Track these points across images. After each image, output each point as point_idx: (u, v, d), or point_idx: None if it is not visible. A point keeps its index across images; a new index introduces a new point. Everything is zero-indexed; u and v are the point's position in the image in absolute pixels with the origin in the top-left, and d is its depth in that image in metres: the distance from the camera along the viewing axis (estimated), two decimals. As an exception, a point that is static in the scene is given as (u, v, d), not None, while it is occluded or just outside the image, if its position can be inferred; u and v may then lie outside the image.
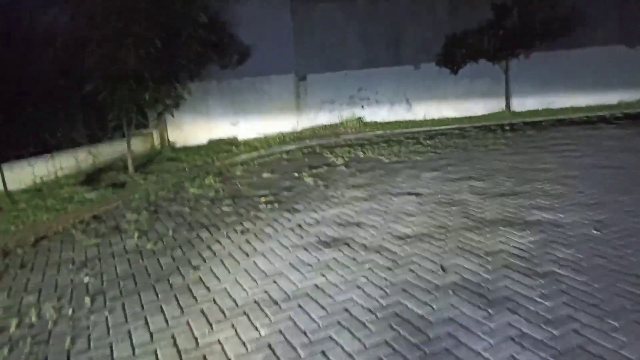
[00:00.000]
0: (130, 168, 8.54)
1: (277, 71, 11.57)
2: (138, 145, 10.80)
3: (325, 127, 11.84)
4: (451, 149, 8.10)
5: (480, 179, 5.95)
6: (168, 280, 3.81)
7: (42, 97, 8.43)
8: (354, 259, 3.86)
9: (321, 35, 11.64)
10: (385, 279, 3.46)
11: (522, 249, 3.77)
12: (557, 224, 4.24)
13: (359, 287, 3.37)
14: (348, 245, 4.18)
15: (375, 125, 11.61)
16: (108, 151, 9.78)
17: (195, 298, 3.46)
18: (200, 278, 3.79)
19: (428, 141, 9.04)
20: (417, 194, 5.56)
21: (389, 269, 3.63)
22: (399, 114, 11.99)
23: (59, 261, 4.54)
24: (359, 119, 11.93)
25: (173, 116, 9.84)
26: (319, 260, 3.92)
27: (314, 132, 11.47)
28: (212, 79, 11.24)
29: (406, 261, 3.74)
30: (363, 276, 3.54)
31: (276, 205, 5.67)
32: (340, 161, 7.94)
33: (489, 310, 2.92)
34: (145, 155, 10.54)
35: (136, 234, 5.04)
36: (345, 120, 11.88)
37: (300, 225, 4.84)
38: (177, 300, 3.45)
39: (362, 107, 11.98)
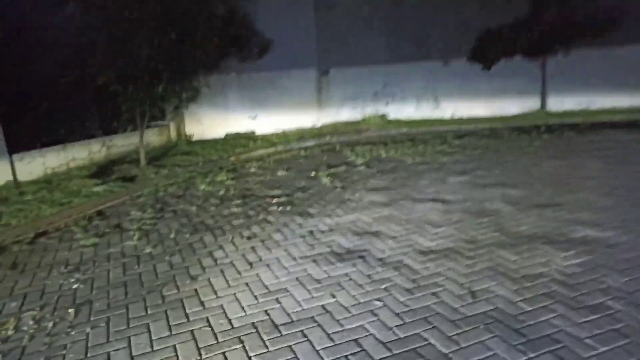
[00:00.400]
0: (143, 161, 8.26)
1: (298, 65, 11.12)
2: (154, 137, 10.55)
3: (346, 123, 11.35)
4: (481, 151, 7.51)
5: (514, 186, 5.38)
6: (161, 292, 3.42)
7: (56, 89, 8.21)
8: (369, 277, 3.40)
9: (345, 29, 11.12)
10: (404, 304, 2.99)
11: (566, 274, 3.24)
12: (606, 244, 3.67)
13: (372, 313, 2.91)
14: (363, 258, 3.72)
15: (400, 123, 11.05)
16: (123, 143, 9.55)
17: (187, 316, 3.06)
18: (196, 291, 3.40)
19: (456, 141, 8.46)
20: (442, 201, 5.04)
21: (409, 291, 3.15)
22: (426, 112, 11.40)
23: (52, 262, 4.23)
24: (383, 116, 11.39)
25: (187, 109, 9.53)
26: (329, 275, 3.47)
27: (334, 129, 10.99)
28: (231, 72, 10.87)
29: (429, 282, 3.26)
30: (378, 299, 3.08)
31: (288, 207, 5.25)
32: (360, 160, 7.46)
33: (529, 354, 2.42)
34: (160, 148, 10.28)
35: (137, 235, 4.70)
36: (368, 117, 11.36)
37: (312, 232, 4.40)
38: (167, 318, 3.06)
39: (387, 103, 11.43)
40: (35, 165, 7.86)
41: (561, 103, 10.98)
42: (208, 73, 9.69)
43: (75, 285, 3.65)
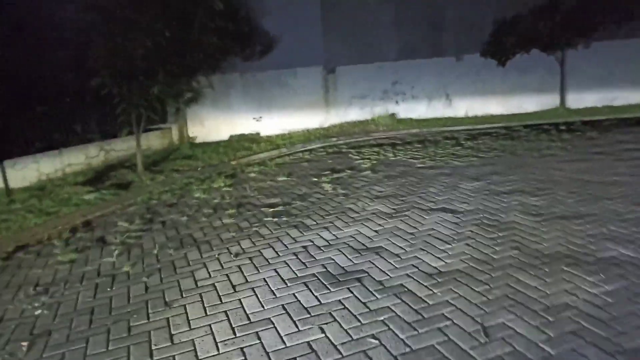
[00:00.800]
0: (140, 167, 7.91)
1: (304, 63, 10.70)
2: (156, 141, 10.23)
3: (355, 123, 10.89)
4: (497, 153, 6.98)
5: (533, 194, 4.87)
6: (129, 322, 3.02)
7: (51, 92, 7.91)
8: (366, 305, 2.95)
9: (352, 24, 10.66)
10: (404, 343, 2.54)
11: (596, 305, 2.74)
12: (643, 266, 3.17)
13: (366, 355, 2.46)
14: (361, 282, 3.26)
15: (411, 122, 10.55)
16: (122, 147, 9.23)
17: (151, 354, 2.65)
18: (168, 321, 2.98)
19: (469, 142, 7.94)
20: (453, 211, 4.56)
21: (411, 325, 2.70)
22: (438, 111, 10.88)
23: (22, 282, 3.86)
24: (393, 115, 10.90)
25: (188, 111, 9.16)
26: (320, 303, 3.03)
27: (342, 130, 10.54)
28: (234, 71, 10.49)
29: (435, 314, 2.79)
30: (374, 335, 2.63)
31: (284, 218, 4.82)
32: (366, 164, 7.00)
33: (556, 417, 1.95)
34: (162, 152, 9.95)
35: (117, 250, 4.32)
36: (378, 117, 10.88)
37: (306, 249, 3.96)
38: (128, 356, 2.65)
39: (397, 102, 10.94)
40: (28, 171, 7.57)
41: (582, 99, 10.36)
42: (210, 73, 9.31)
43: (39, 312, 3.27)
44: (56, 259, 4.30)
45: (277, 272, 3.56)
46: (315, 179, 6.36)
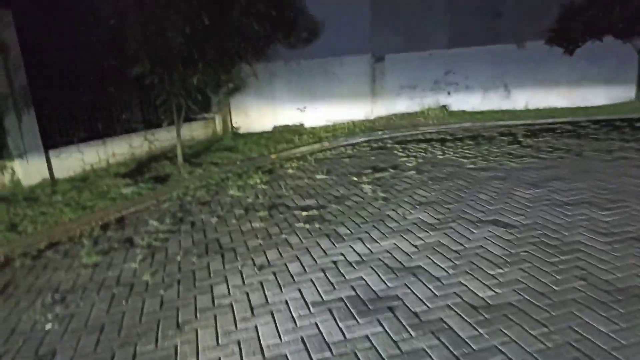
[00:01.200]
0: (180, 158, 7.81)
1: (350, 51, 10.19)
2: (199, 131, 10.16)
3: (403, 115, 10.31)
4: (560, 154, 6.25)
5: (603, 207, 4.21)
6: (135, 346, 2.78)
7: (94, 80, 7.92)
8: (397, 346, 2.54)
9: (403, 10, 10.01)
10: (439, 403, 2.11)
11: (690, 368, 2.18)
12: None
13: (392, 416, 2.06)
14: (393, 312, 2.85)
15: (463, 115, 9.83)
16: (166, 137, 9.20)
17: (152, 390, 2.39)
18: (176, 350, 2.71)
19: (529, 140, 7.20)
20: (507, 225, 4.01)
21: (449, 378, 2.26)
22: (494, 103, 10.07)
23: (43, 286, 3.75)
24: (444, 107, 10.21)
25: (225, 100, 8.94)
26: (344, 338, 2.65)
27: (388, 122, 10.00)
28: (278, 60, 10.17)
29: (479, 363, 2.34)
30: (404, 389, 2.22)
31: (317, 224, 4.45)
32: (412, 163, 6.49)
33: None
34: (205, 142, 9.86)
35: (141, 255, 4.14)
36: (427, 109, 10.24)
37: (336, 265, 3.58)
38: (128, 390, 2.40)
39: (449, 93, 10.23)
40: (72, 161, 7.65)
41: (662, 91, 9.22)
42: (254, 61, 9.04)
43: (49, 326, 3.10)
44: (80, 261, 4.18)
45: (301, 292, 3.21)
46: (355, 179, 5.94)
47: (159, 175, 7.28)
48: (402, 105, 10.44)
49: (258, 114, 10.74)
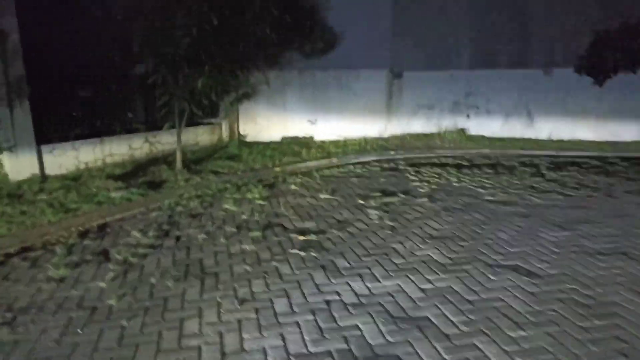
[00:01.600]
0: (178, 164, 7.40)
1: (368, 65, 9.75)
2: (204, 136, 9.76)
3: (418, 136, 9.81)
4: (588, 192, 5.70)
5: (642, 261, 3.67)
6: (76, 394, 2.31)
7: (95, 75, 7.56)
8: None
9: (425, 26, 9.58)
10: None
11: None
12: None
13: None
14: (391, 379, 2.34)
15: (482, 140, 9.32)
16: (168, 140, 8.78)
17: None
18: (122, 403, 2.23)
19: (553, 173, 6.66)
20: (530, 274, 3.48)
21: None
22: (516, 130, 9.54)
23: (-4, 301, 3.31)
24: (462, 130, 9.71)
25: (233, 106, 8.54)
26: (328, 409, 2.15)
27: (403, 142, 9.51)
28: (292, 68, 9.77)
29: None
30: None
31: (313, 253, 3.96)
32: (424, 189, 5.98)
33: None
34: (208, 148, 9.45)
35: (113, 273, 3.68)
36: (445, 131, 9.74)
37: (329, 306, 3.08)
38: None
39: (468, 116, 9.72)
40: (66, 158, 7.26)
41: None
42: (266, 68, 8.67)
43: (-14, 354, 2.65)
44: (47, 273, 3.73)
45: (284, 339, 2.71)
46: (362, 202, 5.45)
47: (154, 180, 6.86)
48: (418, 125, 9.95)
49: (267, 123, 10.31)
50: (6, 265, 3.97)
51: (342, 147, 9.24)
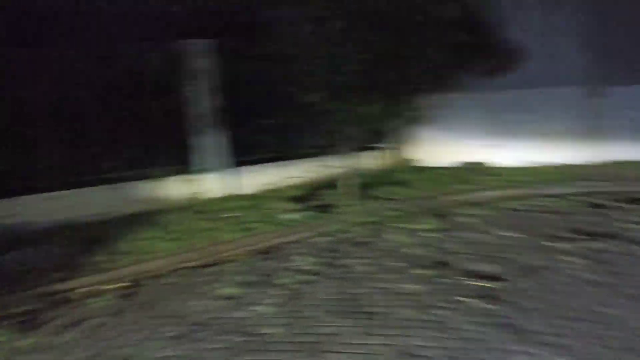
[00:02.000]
0: (346, 189, 7.35)
1: (558, 82, 8.46)
2: (370, 160, 9.60)
3: (629, 164, 8.02)
4: None
5: None
6: None
7: (272, 103, 8.09)
8: None
9: (626, 34, 7.90)
10: None
11: None
12: None
13: None
14: None
15: None
16: (337, 164, 8.87)
17: None
18: None
19: None
20: None
21: None
22: None
23: (171, 314, 3.51)
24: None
25: (399, 131, 8.19)
26: None
27: (607, 171, 7.86)
28: (465, 90, 9.05)
29: None
30: None
31: (489, 305, 3.30)
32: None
33: None
34: (375, 173, 9.24)
35: (270, 299, 3.61)
36: (667, 159, 7.76)
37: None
38: None
39: None
40: (251, 180, 7.89)
41: None
42: (437, 91, 8.20)
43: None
44: (215, 291, 3.88)
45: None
46: (553, 244, 4.49)
47: (322, 204, 6.91)
48: (628, 150, 8.16)
49: (437, 148, 9.71)
50: (184, 276, 4.28)
51: (527, 175, 8.07)
